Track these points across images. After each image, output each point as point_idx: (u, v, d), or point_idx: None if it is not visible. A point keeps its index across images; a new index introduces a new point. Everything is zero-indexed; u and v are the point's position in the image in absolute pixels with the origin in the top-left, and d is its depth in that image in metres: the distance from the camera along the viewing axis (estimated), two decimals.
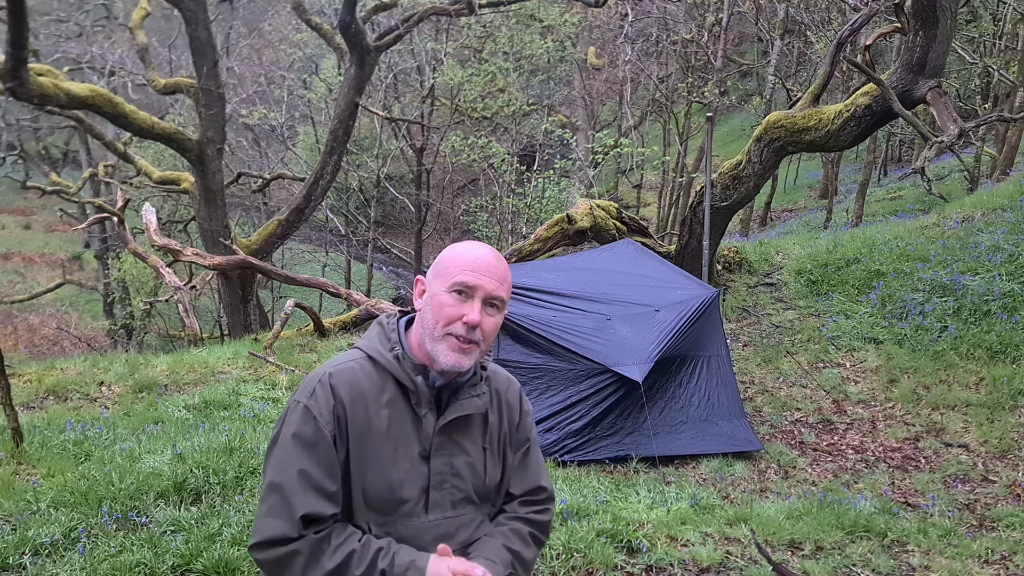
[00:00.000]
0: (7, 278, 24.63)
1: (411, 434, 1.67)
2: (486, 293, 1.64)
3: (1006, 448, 5.84)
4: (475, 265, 1.65)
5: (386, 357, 1.68)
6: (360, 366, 1.68)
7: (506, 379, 1.88)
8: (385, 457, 1.64)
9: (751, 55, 26.39)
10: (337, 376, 1.65)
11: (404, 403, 1.67)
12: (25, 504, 4.04)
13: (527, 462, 1.87)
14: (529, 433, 1.89)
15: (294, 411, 1.64)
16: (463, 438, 1.73)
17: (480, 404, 1.74)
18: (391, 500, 1.65)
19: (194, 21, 11.24)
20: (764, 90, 18.37)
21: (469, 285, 1.63)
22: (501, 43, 18.63)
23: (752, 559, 4.04)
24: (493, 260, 1.67)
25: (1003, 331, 7.06)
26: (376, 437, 1.64)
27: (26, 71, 8.30)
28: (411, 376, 1.67)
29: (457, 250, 1.70)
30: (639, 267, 6.97)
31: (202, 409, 6.09)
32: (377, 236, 21.36)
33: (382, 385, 1.67)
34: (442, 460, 1.69)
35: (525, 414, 1.88)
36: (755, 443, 6.07)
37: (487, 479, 1.76)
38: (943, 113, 6.58)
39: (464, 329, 1.63)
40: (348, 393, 1.63)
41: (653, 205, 24.34)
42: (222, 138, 11.90)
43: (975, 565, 4.17)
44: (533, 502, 1.86)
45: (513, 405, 1.85)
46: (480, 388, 1.75)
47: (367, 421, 1.64)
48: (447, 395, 1.71)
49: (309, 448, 1.60)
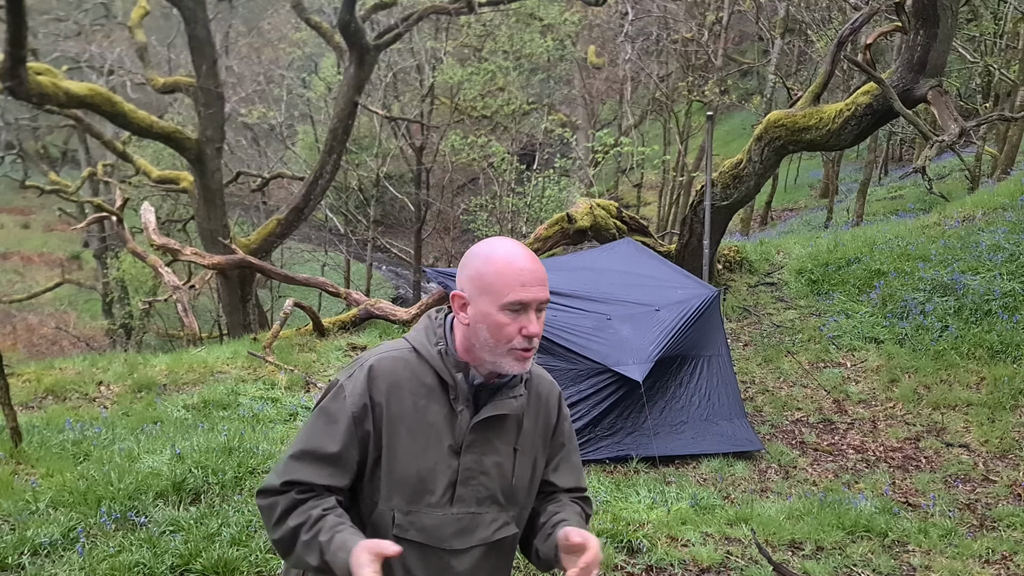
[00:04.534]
0: (6, 277, 24.61)
1: (445, 428, 1.70)
2: (539, 302, 1.67)
3: (1007, 448, 5.83)
4: (523, 278, 1.65)
5: (430, 351, 1.72)
6: (404, 356, 1.72)
7: (549, 383, 1.89)
8: (417, 446, 1.68)
9: (751, 54, 26.39)
10: (379, 365, 1.70)
11: (442, 397, 1.71)
12: (24, 504, 4.03)
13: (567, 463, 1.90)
14: (565, 439, 1.90)
15: (333, 387, 1.71)
16: (496, 437, 1.74)
17: (516, 405, 1.75)
18: (418, 489, 1.68)
19: (193, 20, 11.23)
20: (765, 89, 18.35)
21: (524, 302, 1.65)
22: (501, 42, 18.62)
23: (752, 559, 4.04)
24: (534, 266, 1.68)
25: (1004, 331, 7.05)
26: (410, 426, 1.68)
27: (25, 70, 8.29)
28: (452, 372, 1.70)
29: (498, 263, 1.68)
30: (639, 266, 6.95)
31: (201, 409, 6.08)
32: (376, 235, 21.34)
33: (422, 378, 1.71)
34: (472, 456, 1.71)
35: (563, 419, 1.89)
36: (756, 443, 6.05)
37: (514, 480, 1.78)
38: (944, 112, 6.57)
39: (525, 342, 1.67)
40: (387, 381, 1.68)
41: (653, 204, 24.33)
42: (221, 137, 11.89)
43: (976, 565, 4.16)
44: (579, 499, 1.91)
45: (552, 409, 1.86)
46: (518, 390, 1.76)
47: (401, 410, 1.68)
48: (485, 394, 1.74)
49: (329, 424, 1.67)
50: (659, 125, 23.91)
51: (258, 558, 3.63)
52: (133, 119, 10.60)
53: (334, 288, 9.98)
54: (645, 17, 20.48)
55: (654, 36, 21.46)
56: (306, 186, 12.08)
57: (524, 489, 1.81)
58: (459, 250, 22.34)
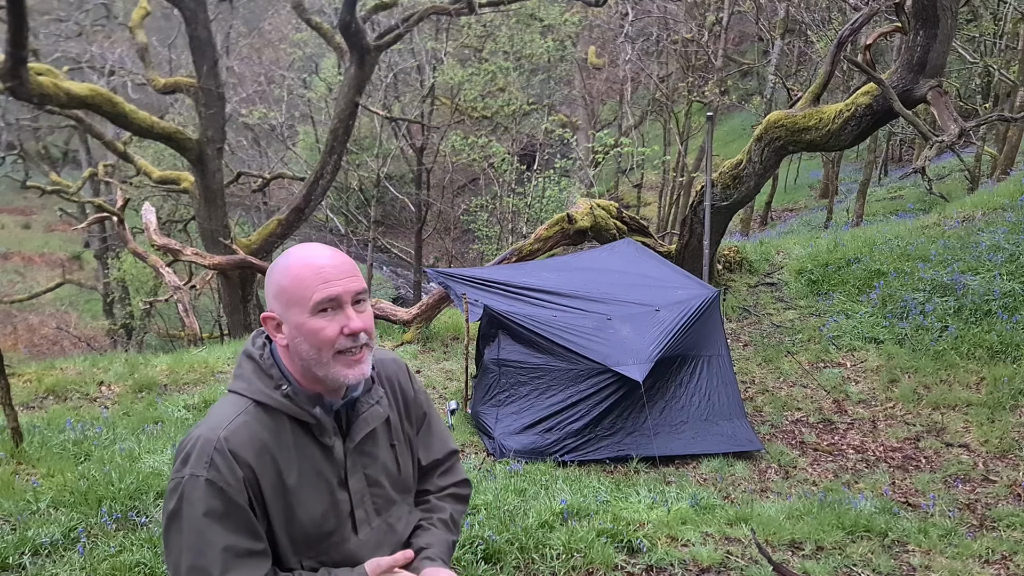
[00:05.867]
0: (7, 278, 24.62)
1: (324, 467, 1.60)
2: (351, 294, 1.54)
3: (1007, 448, 5.83)
4: (325, 274, 1.53)
5: (275, 398, 1.56)
6: (254, 417, 1.55)
7: (392, 361, 1.81)
8: (304, 500, 1.58)
9: (751, 54, 26.39)
10: (234, 439, 1.51)
11: (309, 439, 1.59)
12: (25, 504, 4.04)
13: (430, 432, 1.85)
14: (425, 407, 1.85)
15: (194, 487, 1.49)
16: (371, 447, 1.68)
17: (381, 411, 1.68)
18: (318, 535, 1.61)
19: (194, 20, 11.23)
20: (764, 89, 18.36)
21: (332, 297, 1.52)
22: (501, 42, 18.63)
23: (752, 559, 4.04)
24: (336, 258, 1.56)
25: (1004, 331, 7.05)
26: (290, 486, 1.56)
27: (26, 70, 8.30)
28: (308, 410, 1.57)
29: (295, 268, 1.54)
30: (639, 267, 6.96)
31: (202, 409, 6.09)
32: (377, 236, 21.35)
33: (280, 428, 1.57)
34: (357, 478, 1.65)
35: (417, 391, 1.83)
36: (756, 443, 6.06)
37: (401, 472, 1.74)
38: (944, 112, 6.58)
39: (351, 340, 1.54)
40: (252, 454, 1.52)
41: (653, 204, 24.34)
42: (222, 137, 11.89)
43: (975, 565, 4.17)
44: (447, 469, 1.87)
45: (406, 386, 1.80)
46: (376, 392, 1.68)
47: (277, 474, 1.55)
48: (345, 413, 1.64)
49: (224, 520, 1.50)
50: (659, 126, 23.93)
51: None
52: (134, 120, 10.61)
53: None
54: (645, 18, 20.50)
55: (654, 37, 21.47)
56: (307, 186, 12.09)
57: (411, 476, 1.79)
58: (459, 250, 22.38)
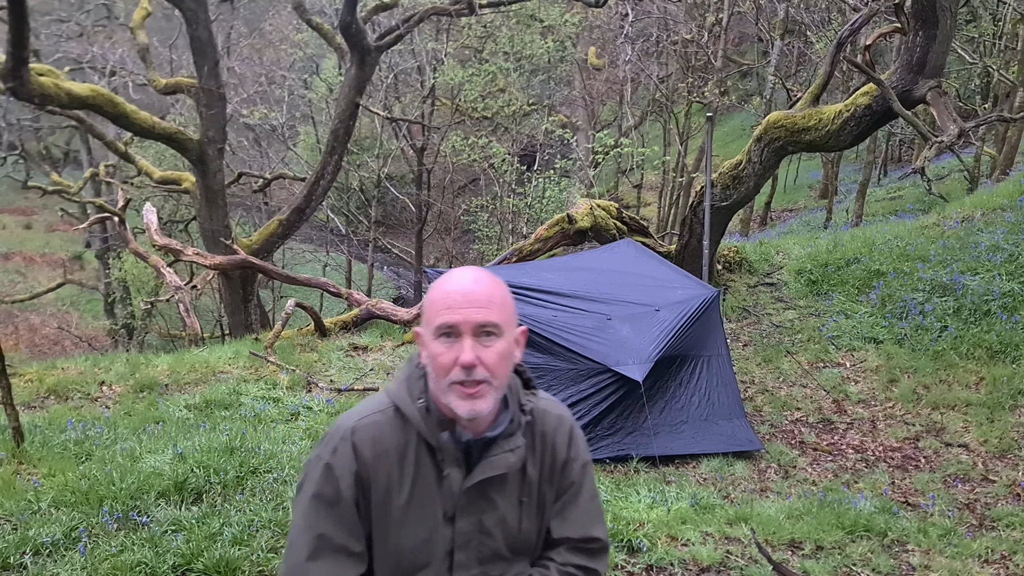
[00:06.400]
0: (8, 278, 24.64)
1: (435, 494, 1.54)
2: (472, 325, 1.48)
3: (1006, 448, 5.84)
4: (449, 300, 1.49)
5: (411, 410, 1.55)
6: (386, 419, 1.56)
7: (556, 419, 1.67)
8: (408, 520, 1.54)
9: (751, 55, 26.39)
10: (361, 432, 1.54)
11: (429, 460, 1.55)
12: (26, 504, 4.05)
13: (574, 506, 1.67)
14: (577, 479, 1.67)
15: (316, 467, 1.54)
16: (496, 494, 1.57)
17: (514, 460, 1.56)
18: (412, 563, 1.55)
19: (195, 21, 11.25)
20: (764, 90, 18.37)
21: (451, 324, 1.47)
22: (501, 43, 18.64)
23: (752, 559, 4.05)
24: (471, 286, 1.50)
25: (1003, 331, 7.06)
26: (398, 500, 1.54)
27: (27, 71, 8.31)
28: (435, 433, 1.54)
29: (432, 291, 1.54)
30: (639, 267, 6.97)
31: (203, 409, 6.10)
32: (378, 236, 21.36)
33: (406, 439, 1.55)
34: (469, 520, 1.56)
35: (572, 460, 1.67)
36: (755, 443, 6.07)
37: (521, 533, 1.62)
38: (943, 113, 6.59)
39: (463, 373, 1.47)
40: (371, 452, 1.53)
41: (653, 205, 24.35)
42: (223, 138, 11.91)
43: (975, 565, 4.17)
44: (582, 552, 1.68)
45: (559, 449, 1.65)
46: (515, 441, 1.57)
47: (388, 483, 1.53)
48: (478, 449, 1.56)
49: (330, 508, 1.52)
50: (659, 126, 23.93)
51: (260, 558, 3.65)
52: (135, 120, 10.62)
53: (335, 288, 10.00)
54: (645, 18, 20.50)
55: (654, 37, 21.48)
56: (308, 187, 12.10)
57: (533, 539, 1.65)
58: (460, 251, 22.39)
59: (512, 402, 1.60)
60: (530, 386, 1.67)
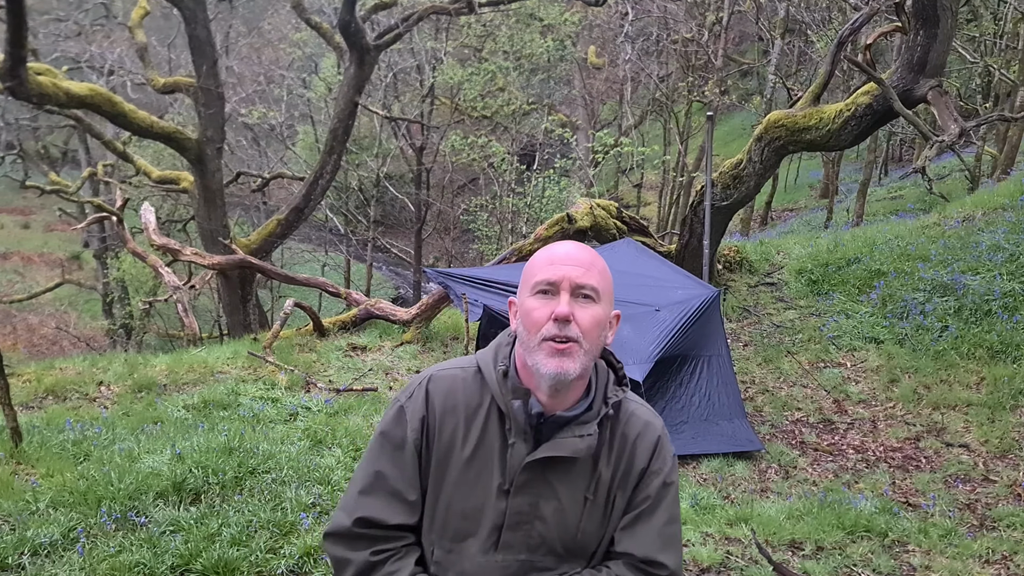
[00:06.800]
0: (6, 278, 24.62)
1: (496, 463, 1.51)
2: (572, 283, 1.48)
3: (1007, 448, 5.83)
4: (552, 259, 1.51)
5: (491, 372, 1.54)
6: (464, 375, 1.57)
7: (644, 424, 1.60)
8: (464, 482, 1.52)
9: (752, 54, 26.39)
10: (436, 382, 1.56)
11: (498, 426, 1.52)
12: (24, 504, 4.03)
13: (645, 523, 1.57)
14: (654, 493, 1.57)
15: (392, 408, 1.57)
16: (559, 480, 1.51)
17: (581, 447, 1.50)
18: (461, 528, 1.53)
19: (193, 20, 11.24)
20: (765, 89, 18.36)
21: (551, 281, 1.48)
22: (501, 42, 18.64)
23: (753, 559, 4.04)
24: (574, 250, 1.53)
25: (1004, 331, 7.05)
26: (459, 456, 1.52)
27: (25, 70, 8.29)
28: (507, 397, 1.51)
29: (539, 253, 1.56)
30: (640, 266, 6.95)
31: (201, 409, 6.07)
32: (377, 235, 21.34)
33: (480, 401, 1.54)
34: (524, 499, 1.51)
35: (652, 473, 1.57)
36: (756, 443, 6.06)
37: (580, 534, 1.54)
38: (944, 112, 6.57)
39: (556, 327, 1.45)
40: (442, 403, 1.53)
41: (653, 204, 24.35)
42: (221, 137, 11.89)
43: (976, 565, 4.16)
44: (641, 571, 1.56)
45: (639, 456, 1.57)
46: (588, 428, 1.51)
47: (452, 438, 1.52)
48: (549, 428, 1.51)
49: (395, 450, 1.54)
50: (659, 125, 23.93)
51: (258, 558, 3.63)
52: (133, 119, 10.60)
53: (334, 288, 9.98)
54: (645, 17, 20.49)
55: (654, 36, 21.47)
56: (306, 186, 12.09)
57: (592, 545, 1.56)
58: (459, 250, 22.39)
59: (597, 390, 1.56)
60: (622, 384, 1.61)
